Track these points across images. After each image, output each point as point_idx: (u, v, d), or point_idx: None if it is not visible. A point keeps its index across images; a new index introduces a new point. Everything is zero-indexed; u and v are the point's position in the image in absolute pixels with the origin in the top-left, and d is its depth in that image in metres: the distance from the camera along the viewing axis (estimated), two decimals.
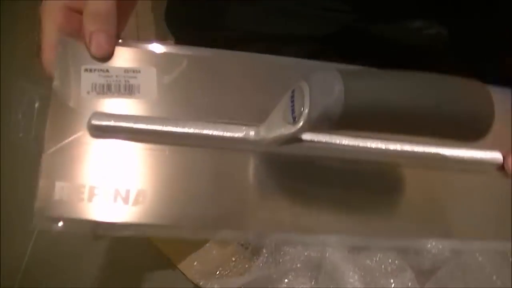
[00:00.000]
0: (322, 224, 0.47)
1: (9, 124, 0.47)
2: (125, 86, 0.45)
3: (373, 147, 0.49)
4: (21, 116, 0.46)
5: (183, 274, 0.68)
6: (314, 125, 0.38)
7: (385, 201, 0.49)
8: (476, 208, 0.51)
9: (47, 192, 0.42)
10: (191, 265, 0.66)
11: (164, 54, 0.49)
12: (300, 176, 0.48)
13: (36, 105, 0.45)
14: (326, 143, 0.48)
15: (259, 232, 0.47)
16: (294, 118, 0.39)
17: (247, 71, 0.51)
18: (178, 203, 0.45)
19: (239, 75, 0.50)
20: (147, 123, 0.45)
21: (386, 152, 0.49)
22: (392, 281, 0.50)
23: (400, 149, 0.50)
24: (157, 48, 0.49)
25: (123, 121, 0.44)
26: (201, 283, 0.63)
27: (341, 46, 0.63)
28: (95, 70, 0.46)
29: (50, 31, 0.47)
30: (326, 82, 0.37)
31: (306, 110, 0.37)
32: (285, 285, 0.48)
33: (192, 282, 0.66)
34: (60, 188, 0.42)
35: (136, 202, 0.43)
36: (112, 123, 0.44)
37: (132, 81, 0.46)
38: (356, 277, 0.50)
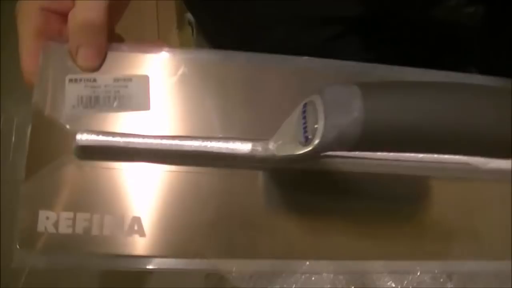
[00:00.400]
0: (343, 249, 0.42)
1: None
2: (115, 98, 0.41)
3: (395, 158, 0.44)
4: None
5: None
6: (329, 147, 0.34)
7: (412, 220, 0.44)
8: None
9: (29, 223, 0.38)
10: None
11: (159, 59, 0.44)
12: (315, 193, 0.43)
13: (15, 123, 0.39)
14: (343, 156, 0.42)
15: (272, 262, 0.41)
16: (306, 138, 0.35)
17: (254, 77, 0.45)
18: (179, 232, 0.40)
19: (245, 82, 0.45)
20: (141, 141, 0.40)
21: (410, 163, 0.44)
22: None
23: (425, 160, 0.44)
24: (151, 52, 0.43)
25: (114, 139, 0.39)
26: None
27: (372, 27, 0.58)
28: (81, 80, 0.41)
29: (27, 36, 0.41)
30: (343, 97, 0.33)
31: (321, 131, 0.33)
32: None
33: None
34: (44, 218, 0.38)
35: (130, 232, 0.39)
36: (101, 142, 0.39)
37: (122, 92, 0.41)
38: None
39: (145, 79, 0.42)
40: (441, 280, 0.44)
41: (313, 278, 0.41)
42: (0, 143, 0.40)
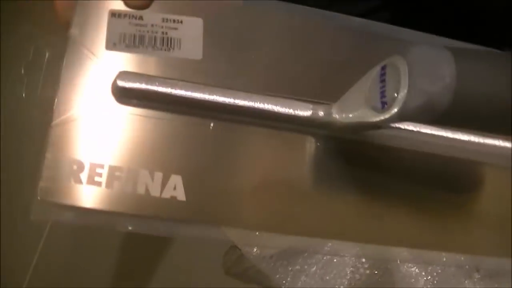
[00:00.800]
0: (371, 233, 0.38)
1: (8, 81, 0.36)
2: (162, 40, 0.36)
3: (453, 138, 0.39)
4: (24, 71, 0.35)
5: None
6: (410, 116, 0.30)
7: (453, 209, 0.40)
8: None
9: (54, 173, 0.33)
10: None
11: (216, 4, 0.38)
12: (364, 169, 0.39)
13: (46, 56, 0.34)
14: (415, 132, 0.38)
15: (296, 240, 0.36)
16: (383, 104, 0.31)
17: (319, 31, 0.40)
18: (220, 196, 0.35)
19: (310, 36, 0.40)
20: (190, 91, 0.35)
21: (468, 145, 0.40)
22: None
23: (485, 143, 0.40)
24: None
25: (159, 85, 0.35)
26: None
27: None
28: (125, 15, 0.36)
29: None
30: (433, 61, 0.29)
31: (403, 97, 0.29)
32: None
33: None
34: (71, 168, 0.33)
35: (168, 192, 0.34)
36: (144, 86, 0.34)
37: (171, 34, 0.37)
38: None
39: (198, 23, 0.37)
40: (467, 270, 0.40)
41: (335, 260, 0.38)
42: (25, 79, 0.35)
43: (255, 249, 0.36)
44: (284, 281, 0.39)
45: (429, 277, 0.40)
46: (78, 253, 0.77)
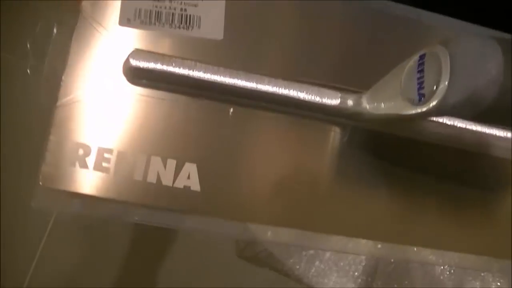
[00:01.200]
0: (423, 235, 0.35)
1: (14, 55, 0.33)
2: (181, 17, 0.34)
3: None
4: (31, 46, 0.33)
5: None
6: (449, 111, 0.28)
7: (480, 210, 0.37)
8: None
9: (58, 157, 0.31)
10: None
11: None
12: (393, 164, 0.36)
13: (54, 31, 0.31)
14: (451, 127, 0.35)
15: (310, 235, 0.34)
16: (420, 96, 0.28)
17: (352, 17, 0.38)
18: (237, 188, 0.33)
19: (339, 23, 0.37)
20: (208, 72, 0.32)
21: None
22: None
23: None
24: None
25: (176, 65, 0.32)
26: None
27: None
28: None
29: None
30: (478, 53, 0.27)
31: (443, 90, 0.27)
32: None
33: None
34: (76, 153, 0.31)
35: (181, 181, 0.32)
36: (159, 66, 0.32)
37: (191, 11, 0.34)
38: None
39: (220, 1, 0.34)
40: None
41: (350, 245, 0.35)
42: (30, 55, 0.33)
43: (269, 233, 0.33)
44: (297, 266, 0.37)
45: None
46: (84, 248, 0.74)
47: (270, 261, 0.40)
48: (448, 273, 0.40)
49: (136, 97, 0.32)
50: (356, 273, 0.41)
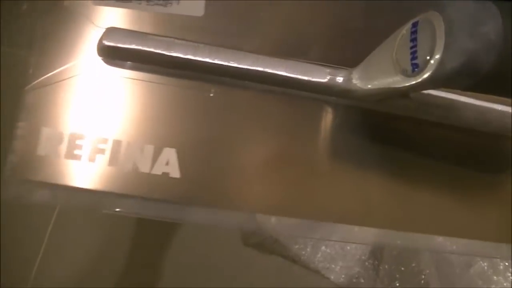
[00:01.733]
0: (424, 220, 0.33)
1: None
2: None
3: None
4: None
5: None
6: (446, 81, 0.26)
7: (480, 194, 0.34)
8: None
9: (27, 144, 0.29)
10: None
11: None
12: (389, 145, 0.33)
13: (23, 8, 0.29)
14: (450, 100, 0.32)
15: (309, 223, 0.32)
16: (414, 66, 0.26)
17: None
18: (220, 173, 0.31)
19: None
20: (188, 50, 0.30)
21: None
22: None
23: None
24: None
25: (153, 44, 0.30)
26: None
27: None
28: None
29: None
30: (475, 16, 0.25)
31: (438, 57, 0.25)
32: None
33: None
34: (47, 140, 0.29)
35: (159, 168, 0.30)
36: (135, 45, 0.30)
37: None
38: None
39: None
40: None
41: (356, 229, 0.33)
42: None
43: (273, 219, 0.31)
44: (303, 252, 0.35)
45: None
46: (89, 242, 0.73)
47: (276, 248, 0.38)
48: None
49: (111, 79, 0.31)
50: (363, 257, 0.39)
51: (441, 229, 0.33)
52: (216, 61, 0.30)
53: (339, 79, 0.31)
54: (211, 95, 0.31)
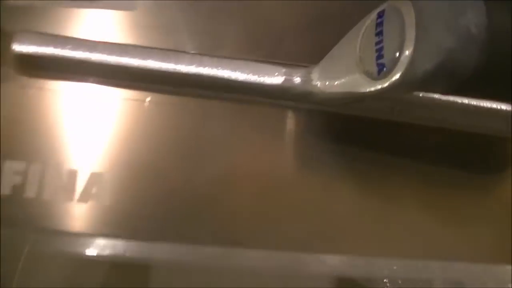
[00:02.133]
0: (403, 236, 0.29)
1: None
2: None
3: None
4: None
5: None
6: (418, 84, 0.23)
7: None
8: None
9: None
10: None
11: None
12: (360, 151, 0.30)
13: None
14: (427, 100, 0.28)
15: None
16: (380, 67, 0.23)
17: None
18: (157, 201, 0.27)
19: None
20: (114, 53, 0.27)
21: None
22: None
23: None
24: None
25: (73, 48, 0.27)
26: None
27: None
28: None
29: None
30: (452, 7, 0.22)
31: (408, 56, 0.22)
32: None
33: None
34: None
35: (85, 197, 0.26)
36: (51, 50, 0.27)
37: None
38: None
39: None
40: None
41: None
42: None
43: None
44: None
45: None
46: None
47: None
48: None
49: (25, 90, 0.28)
50: None
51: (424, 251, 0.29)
52: (146, 65, 0.27)
53: (297, 80, 0.28)
54: (146, 104, 0.28)
